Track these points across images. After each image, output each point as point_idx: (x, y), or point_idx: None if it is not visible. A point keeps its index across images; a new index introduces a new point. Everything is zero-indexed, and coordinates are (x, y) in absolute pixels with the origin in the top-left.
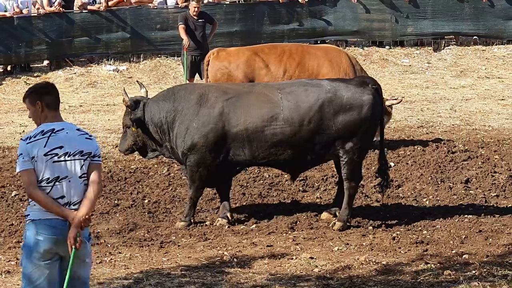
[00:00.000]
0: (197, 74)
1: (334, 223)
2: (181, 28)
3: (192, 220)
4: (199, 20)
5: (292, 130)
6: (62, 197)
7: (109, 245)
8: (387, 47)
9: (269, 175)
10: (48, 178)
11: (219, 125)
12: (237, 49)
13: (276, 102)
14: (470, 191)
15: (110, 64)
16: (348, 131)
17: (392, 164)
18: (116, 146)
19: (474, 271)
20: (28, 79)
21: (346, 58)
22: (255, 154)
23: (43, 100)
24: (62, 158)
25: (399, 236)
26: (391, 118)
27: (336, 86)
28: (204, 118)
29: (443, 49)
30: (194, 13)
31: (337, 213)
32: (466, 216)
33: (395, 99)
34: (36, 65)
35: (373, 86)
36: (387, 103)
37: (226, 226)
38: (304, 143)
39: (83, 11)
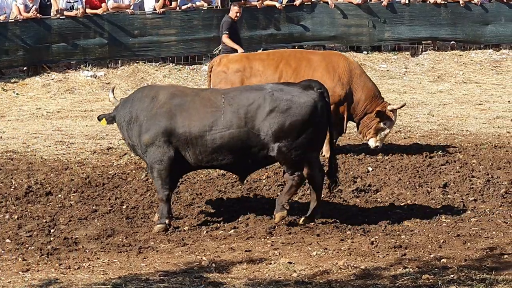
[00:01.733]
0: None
1: (276, 215)
2: (227, 38)
3: (167, 221)
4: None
5: (230, 134)
6: None
7: (87, 251)
8: (364, 52)
9: (247, 180)
10: None
11: (163, 125)
12: (237, 56)
13: (219, 106)
14: (448, 196)
15: (88, 70)
16: (284, 133)
17: (370, 168)
18: (94, 152)
19: (452, 275)
20: (5, 85)
21: (344, 63)
22: (198, 158)
23: None
24: None
25: (378, 241)
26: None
27: (277, 89)
28: (153, 118)
29: (420, 54)
30: (236, 18)
31: (315, 218)
32: (444, 220)
33: (397, 104)
34: (14, 71)
35: (319, 89)
36: (388, 107)
37: (205, 232)
38: (242, 146)
39: (61, 17)
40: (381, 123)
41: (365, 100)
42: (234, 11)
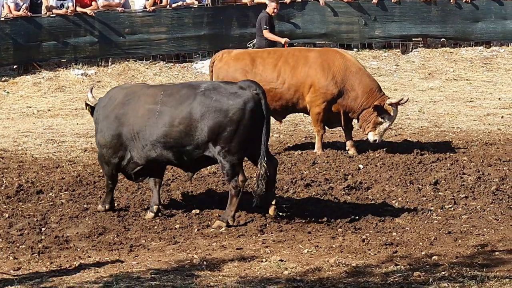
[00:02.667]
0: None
1: (214, 222)
2: (268, 32)
3: (107, 207)
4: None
5: (164, 131)
6: None
7: (78, 249)
8: (355, 49)
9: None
10: None
11: (115, 126)
12: (239, 53)
13: (156, 103)
14: (439, 193)
15: (78, 68)
16: (214, 134)
17: (361, 166)
18: (85, 150)
19: (443, 272)
20: None
21: (340, 61)
22: (145, 153)
23: None
24: None
25: (369, 238)
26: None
27: (210, 88)
28: (107, 119)
29: (411, 51)
30: (273, 14)
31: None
32: (435, 217)
33: (395, 98)
34: (4, 69)
35: (254, 91)
36: (387, 102)
37: (196, 230)
38: (176, 144)
39: (51, 15)
40: (379, 117)
41: (361, 96)
42: (272, 6)
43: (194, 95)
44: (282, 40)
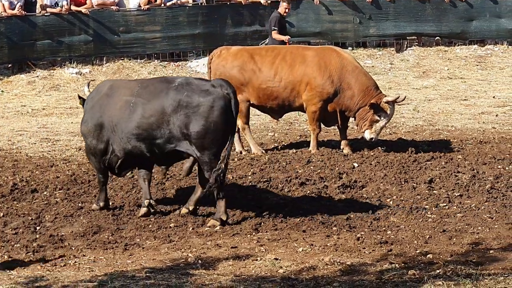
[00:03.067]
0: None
1: (209, 220)
2: (277, 34)
3: (102, 205)
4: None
5: (137, 123)
6: None
7: (73, 248)
8: (349, 48)
9: (232, 177)
10: None
11: (97, 117)
12: (237, 50)
13: (132, 96)
14: (434, 191)
15: (73, 67)
16: (185, 129)
17: (355, 164)
18: (80, 149)
19: (438, 271)
20: None
21: (337, 60)
22: (122, 145)
23: None
24: None
25: (363, 237)
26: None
27: (183, 84)
28: (92, 109)
29: (405, 50)
30: (285, 13)
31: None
32: (430, 216)
33: (391, 96)
34: None
35: (225, 90)
36: (383, 100)
37: (191, 228)
38: (148, 137)
39: (45, 14)
40: (376, 115)
41: (358, 95)
42: (283, 6)
43: (167, 89)
44: (285, 38)
